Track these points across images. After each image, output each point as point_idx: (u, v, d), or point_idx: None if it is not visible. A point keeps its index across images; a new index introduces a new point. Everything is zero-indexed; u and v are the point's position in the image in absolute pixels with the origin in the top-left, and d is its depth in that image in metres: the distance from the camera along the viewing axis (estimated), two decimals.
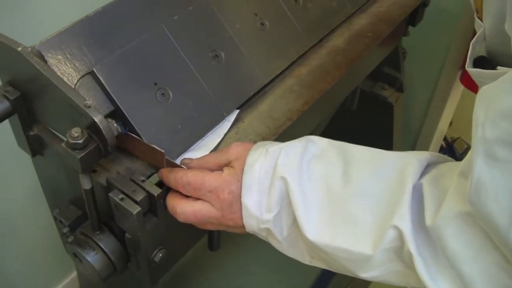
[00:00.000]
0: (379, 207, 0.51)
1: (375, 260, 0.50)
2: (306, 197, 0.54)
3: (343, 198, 0.53)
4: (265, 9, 0.80)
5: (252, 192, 0.55)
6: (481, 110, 0.43)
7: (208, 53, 0.72)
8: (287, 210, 0.55)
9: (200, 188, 0.57)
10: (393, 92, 1.25)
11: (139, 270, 0.66)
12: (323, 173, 0.55)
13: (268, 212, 0.55)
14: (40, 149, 0.67)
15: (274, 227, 0.55)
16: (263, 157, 0.56)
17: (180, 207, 0.58)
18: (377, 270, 0.52)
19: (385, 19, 0.96)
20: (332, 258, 0.53)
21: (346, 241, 0.51)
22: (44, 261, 1.34)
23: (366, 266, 0.51)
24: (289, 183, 0.54)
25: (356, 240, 0.51)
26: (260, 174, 0.55)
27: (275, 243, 0.57)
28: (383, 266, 0.51)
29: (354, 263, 0.52)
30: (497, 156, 0.40)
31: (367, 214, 0.51)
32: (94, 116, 0.54)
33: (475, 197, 0.42)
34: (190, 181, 0.57)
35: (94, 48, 0.63)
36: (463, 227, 0.46)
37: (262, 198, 0.55)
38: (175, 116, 0.66)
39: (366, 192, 0.52)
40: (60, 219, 0.67)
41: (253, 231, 0.57)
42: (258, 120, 0.74)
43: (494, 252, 0.44)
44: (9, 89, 0.62)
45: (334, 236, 0.52)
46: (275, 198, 0.54)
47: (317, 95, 0.78)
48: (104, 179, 0.61)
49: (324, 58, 0.85)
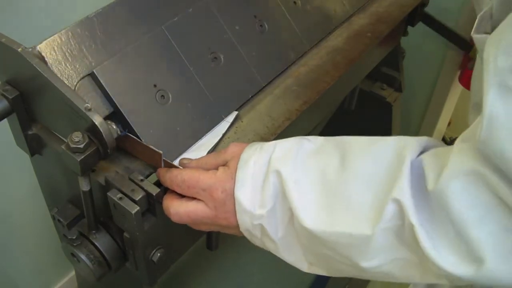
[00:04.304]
0: (378, 186, 0.49)
1: (376, 241, 0.48)
2: (302, 187, 0.52)
3: (340, 184, 0.51)
4: (265, 11, 0.80)
5: (245, 186, 0.54)
6: (491, 47, 0.42)
7: (207, 55, 0.72)
8: (282, 206, 0.53)
9: (194, 186, 0.57)
10: (392, 92, 1.25)
11: (137, 270, 0.67)
12: (319, 164, 0.53)
13: (262, 207, 0.54)
14: (38, 148, 0.68)
15: (268, 224, 0.54)
16: (257, 153, 0.56)
17: (173, 207, 0.58)
18: (379, 258, 0.49)
19: (384, 19, 0.96)
20: (332, 250, 0.51)
21: (346, 224, 0.49)
22: (43, 260, 1.34)
23: (367, 252, 0.49)
24: (284, 176, 0.53)
25: (356, 221, 0.49)
26: (254, 170, 0.55)
27: (271, 245, 0.56)
28: (385, 252, 0.49)
29: (355, 248, 0.50)
30: (511, 85, 0.39)
31: (366, 195, 0.49)
32: (94, 120, 0.54)
33: (488, 133, 0.40)
34: (184, 179, 0.57)
35: (94, 50, 0.63)
36: (469, 186, 0.43)
37: (256, 192, 0.54)
38: (174, 118, 0.66)
39: (364, 174, 0.50)
40: (58, 218, 0.67)
41: (247, 229, 0.56)
42: (257, 120, 0.74)
43: (503, 213, 0.42)
44: (7, 88, 0.62)
45: (333, 221, 0.50)
46: (269, 192, 0.53)
47: (316, 95, 0.78)
48: (103, 178, 0.61)
49: (323, 58, 0.85)
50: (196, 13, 0.72)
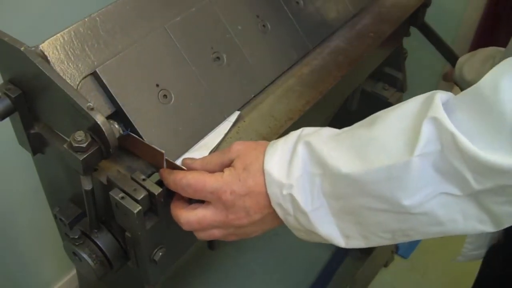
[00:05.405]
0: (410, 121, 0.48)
1: (415, 170, 0.47)
2: (332, 145, 0.52)
3: (371, 132, 0.51)
4: (267, 11, 0.80)
5: (274, 158, 0.54)
6: None
7: (210, 54, 0.72)
8: (312, 172, 0.53)
9: (202, 190, 0.56)
10: (394, 92, 1.24)
11: (139, 269, 0.67)
12: (348, 130, 0.54)
13: (291, 176, 0.53)
14: (41, 147, 0.68)
15: (299, 194, 0.53)
16: (284, 137, 0.57)
17: (183, 216, 0.58)
18: (420, 194, 0.47)
19: (386, 20, 0.96)
20: (370, 196, 0.50)
21: (382, 160, 0.48)
22: (45, 258, 1.34)
23: (408, 185, 0.47)
24: (313, 144, 0.53)
25: (392, 154, 0.48)
26: (283, 147, 0.55)
27: (303, 219, 0.54)
28: (426, 185, 0.47)
29: (395, 182, 0.48)
30: None
31: (398, 131, 0.49)
32: (97, 119, 0.54)
33: None
34: (190, 183, 0.57)
35: (97, 49, 0.63)
36: None
37: (285, 162, 0.54)
38: (176, 118, 0.66)
39: (394, 119, 0.50)
40: (60, 217, 0.67)
41: (278, 203, 0.54)
42: (259, 120, 0.74)
43: None
44: (10, 87, 0.62)
45: (368, 161, 0.49)
46: (298, 160, 0.53)
47: (319, 95, 0.78)
48: (105, 177, 0.61)
49: (325, 58, 0.85)
50: (198, 12, 0.72)
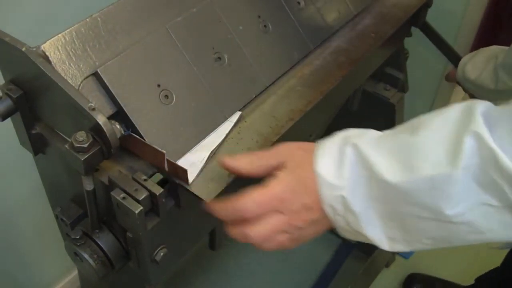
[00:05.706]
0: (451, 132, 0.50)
1: (458, 182, 0.49)
2: (379, 150, 0.54)
3: (415, 138, 0.53)
4: (268, 11, 0.80)
5: (324, 160, 0.56)
6: None
7: (211, 55, 0.72)
8: (361, 173, 0.54)
9: (267, 201, 0.57)
10: (395, 92, 1.24)
11: (140, 269, 0.67)
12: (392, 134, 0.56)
13: (342, 178, 0.55)
14: (42, 147, 0.68)
15: (349, 195, 0.55)
16: (331, 138, 0.59)
17: (254, 231, 0.57)
18: (462, 204, 0.50)
19: (388, 20, 0.96)
20: (413, 205, 0.52)
21: (425, 170, 0.50)
22: (46, 259, 1.34)
23: (450, 196, 0.49)
24: (360, 146, 0.55)
25: (435, 164, 0.50)
26: (330, 149, 0.57)
27: (352, 220, 0.56)
28: (468, 196, 0.49)
29: (437, 192, 0.50)
30: None
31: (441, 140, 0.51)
32: (98, 119, 0.54)
33: None
34: (255, 199, 0.56)
35: (98, 49, 0.63)
36: None
37: (335, 165, 0.56)
38: (178, 118, 0.66)
39: (436, 126, 0.52)
40: (61, 218, 0.67)
41: (330, 204, 0.56)
42: (260, 120, 0.74)
43: None
44: (11, 87, 0.62)
45: (412, 170, 0.51)
46: (348, 162, 0.55)
47: (320, 95, 0.78)
48: (106, 178, 0.61)
49: (326, 58, 0.85)
50: (200, 13, 0.72)
